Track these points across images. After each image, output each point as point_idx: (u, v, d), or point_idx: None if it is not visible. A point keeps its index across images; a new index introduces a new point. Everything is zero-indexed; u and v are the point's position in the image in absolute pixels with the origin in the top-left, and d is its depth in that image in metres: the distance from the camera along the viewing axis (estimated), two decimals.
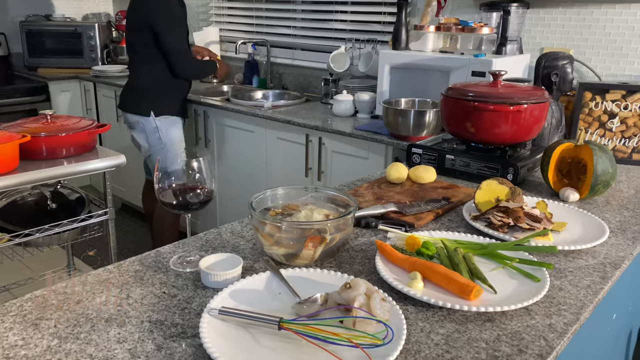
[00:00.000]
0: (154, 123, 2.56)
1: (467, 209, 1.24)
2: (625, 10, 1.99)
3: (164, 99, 2.59)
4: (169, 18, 2.44)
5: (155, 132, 2.58)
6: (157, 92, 2.58)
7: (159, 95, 2.58)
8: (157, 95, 2.58)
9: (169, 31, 2.43)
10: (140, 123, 2.59)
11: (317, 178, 2.37)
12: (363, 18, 2.83)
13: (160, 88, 2.58)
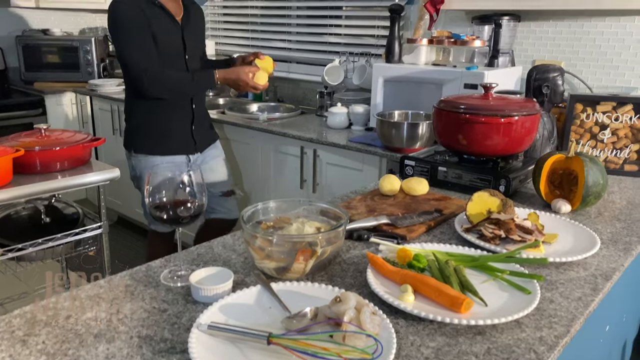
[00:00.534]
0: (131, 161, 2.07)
1: (459, 221, 1.25)
2: (615, 23, 2.02)
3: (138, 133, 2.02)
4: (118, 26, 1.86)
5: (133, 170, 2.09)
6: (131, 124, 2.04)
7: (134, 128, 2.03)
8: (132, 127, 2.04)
9: (118, 41, 1.87)
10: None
11: (312, 190, 2.37)
12: (357, 32, 2.85)
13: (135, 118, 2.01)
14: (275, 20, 3.25)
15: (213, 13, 3.58)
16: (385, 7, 2.66)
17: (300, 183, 2.40)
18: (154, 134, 2.01)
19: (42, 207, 1.91)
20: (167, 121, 2.01)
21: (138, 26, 1.84)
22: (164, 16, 1.91)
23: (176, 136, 2.04)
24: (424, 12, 2.35)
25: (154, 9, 1.89)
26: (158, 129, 2.00)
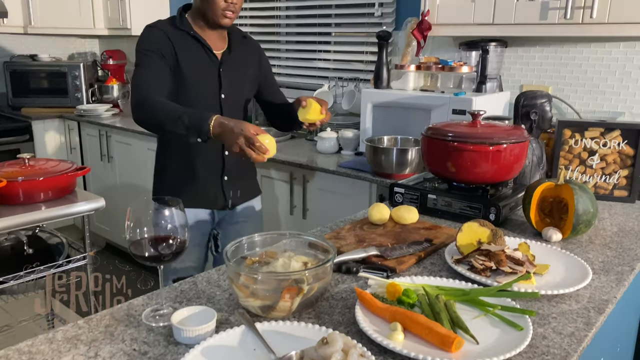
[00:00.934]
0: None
1: (449, 252, 1.23)
2: (600, 49, 2.04)
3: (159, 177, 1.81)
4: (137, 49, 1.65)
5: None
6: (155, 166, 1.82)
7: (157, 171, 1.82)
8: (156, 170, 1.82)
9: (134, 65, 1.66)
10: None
11: (303, 216, 2.35)
12: (346, 57, 2.86)
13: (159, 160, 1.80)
14: (264, 45, 3.26)
15: None
16: (373, 33, 2.68)
17: (290, 209, 2.38)
18: (176, 181, 1.74)
19: (24, 238, 1.87)
20: (191, 167, 1.71)
21: (155, 53, 1.61)
22: (199, 48, 1.66)
23: (199, 186, 1.73)
24: (412, 39, 2.37)
25: (187, 40, 1.65)
26: (180, 175, 1.73)
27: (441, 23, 2.12)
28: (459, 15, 2.05)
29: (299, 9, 3.05)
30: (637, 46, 1.96)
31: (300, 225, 2.37)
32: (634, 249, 1.32)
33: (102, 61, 3.87)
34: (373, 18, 2.70)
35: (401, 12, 2.59)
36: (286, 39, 3.15)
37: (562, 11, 1.79)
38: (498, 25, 1.97)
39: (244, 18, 3.32)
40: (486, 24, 2.00)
